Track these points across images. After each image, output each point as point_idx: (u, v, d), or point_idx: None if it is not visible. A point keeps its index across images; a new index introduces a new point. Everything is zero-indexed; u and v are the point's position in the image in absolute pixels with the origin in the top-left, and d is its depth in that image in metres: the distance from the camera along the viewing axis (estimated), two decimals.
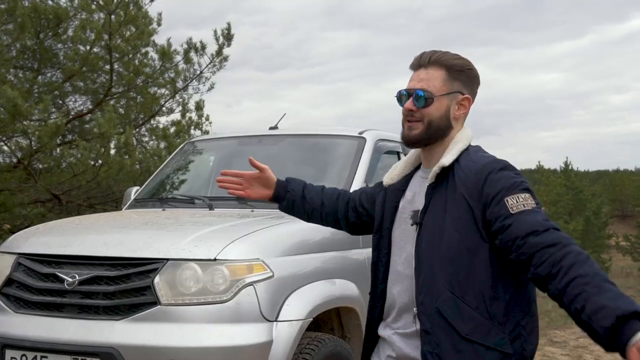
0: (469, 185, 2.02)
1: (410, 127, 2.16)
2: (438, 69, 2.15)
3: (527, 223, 1.89)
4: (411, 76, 2.20)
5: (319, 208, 2.53)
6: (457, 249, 2.00)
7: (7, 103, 6.68)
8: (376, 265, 2.28)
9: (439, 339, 1.98)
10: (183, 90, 10.14)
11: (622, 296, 1.70)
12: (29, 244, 3.63)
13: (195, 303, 3.13)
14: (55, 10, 8.36)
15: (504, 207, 1.93)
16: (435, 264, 2.02)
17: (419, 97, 2.13)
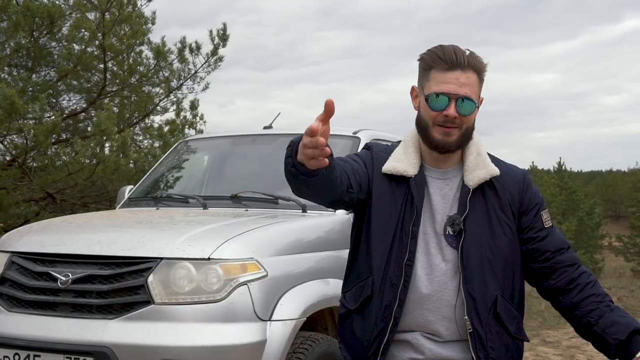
0: (513, 192, 2.10)
1: (448, 133, 2.03)
2: (473, 73, 2.03)
3: (556, 240, 2.13)
4: (443, 76, 2.01)
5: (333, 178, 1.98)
6: (504, 253, 2.06)
7: (4, 101, 6.67)
8: (407, 267, 2.04)
9: (494, 342, 2.03)
10: (177, 90, 10.14)
11: (628, 315, 2.08)
12: (22, 242, 3.63)
13: (189, 302, 3.13)
14: (48, 9, 8.34)
15: (540, 219, 2.12)
16: (486, 270, 2.03)
17: (466, 104, 2.01)
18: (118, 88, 9.83)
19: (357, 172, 2.09)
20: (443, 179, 2.12)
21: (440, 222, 2.08)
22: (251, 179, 4.62)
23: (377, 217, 2.10)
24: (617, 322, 2.03)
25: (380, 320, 2.04)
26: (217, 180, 4.95)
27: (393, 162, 2.12)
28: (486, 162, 2.10)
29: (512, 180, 2.12)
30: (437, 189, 2.11)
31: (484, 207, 2.06)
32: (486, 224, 2.05)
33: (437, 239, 2.07)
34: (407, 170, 2.09)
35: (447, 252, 2.06)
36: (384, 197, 2.10)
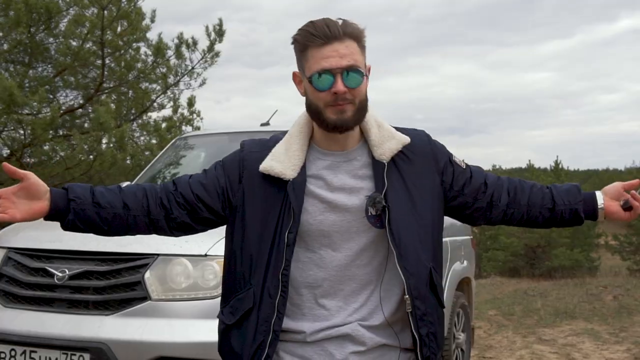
0: (426, 157, 2.00)
1: (342, 110, 1.85)
2: (352, 41, 1.86)
3: (477, 171, 2.10)
4: (320, 52, 1.84)
5: (121, 213, 1.91)
6: (431, 223, 1.97)
7: (3, 92, 6.67)
8: (284, 276, 1.89)
9: (432, 317, 1.94)
10: (174, 86, 10.13)
11: (559, 185, 2.15)
12: (18, 238, 3.62)
13: (186, 299, 3.13)
14: (47, 5, 8.33)
15: (457, 165, 2.06)
16: (417, 243, 1.92)
17: (353, 75, 1.84)
18: (115, 84, 9.82)
19: (201, 190, 1.95)
20: (348, 161, 1.96)
21: (359, 206, 1.92)
22: None
23: (252, 225, 1.94)
24: (566, 191, 2.10)
25: (259, 333, 1.88)
26: None
27: (271, 162, 1.95)
28: (392, 132, 1.97)
29: (420, 143, 2.01)
30: (346, 173, 1.95)
31: (401, 179, 1.94)
32: (407, 195, 1.94)
33: (360, 224, 1.92)
34: (285, 173, 1.92)
35: (371, 233, 1.93)
36: (258, 202, 1.94)
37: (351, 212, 1.92)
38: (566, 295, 10.84)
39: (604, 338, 7.38)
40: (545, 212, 2.09)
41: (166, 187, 1.98)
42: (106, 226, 1.92)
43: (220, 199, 1.96)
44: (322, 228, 1.93)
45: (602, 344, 7.09)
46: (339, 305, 1.93)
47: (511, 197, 2.08)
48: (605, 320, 8.36)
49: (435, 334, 1.95)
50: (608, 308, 9.25)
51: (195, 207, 1.95)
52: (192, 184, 1.96)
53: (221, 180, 1.97)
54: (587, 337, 7.47)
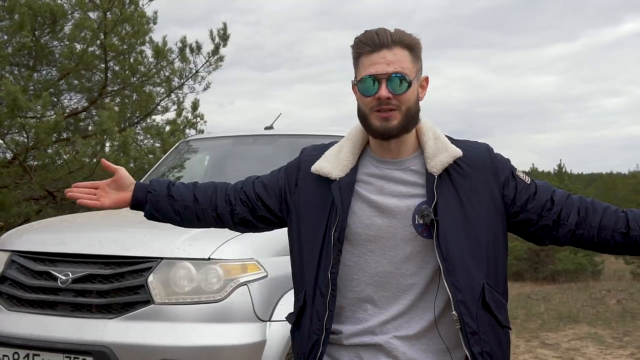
0: (484, 170, 1.96)
1: (388, 118, 1.90)
2: (402, 48, 1.91)
3: (544, 187, 2.01)
4: (370, 59, 1.91)
5: (191, 205, 2.15)
6: (486, 239, 1.92)
7: (7, 97, 6.69)
8: (333, 275, 1.95)
9: (486, 336, 1.89)
10: (178, 89, 10.15)
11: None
12: (22, 241, 3.63)
13: (189, 302, 3.13)
14: (51, 8, 8.35)
15: (520, 180, 1.99)
16: (468, 259, 1.88)
17: (397, 81, 1.88)
18: (119, 87, 9.84)
19: (262, 190, 2.12)
20: (401, 169, 1.98)
21: (406, 213, 1.93)
22: None
23: (305, 226, 2.02)
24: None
25: (312, 332, 1.95)
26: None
27: (321, 162, 2.03)
28: (446, 144, 1.96)
29: (479, 156, 1.98)
30: (398, 181, 1.97)
31: (454, 193, 1.93)
32: (459, 209, 1.91)
33: (407, 233, 1.93)
34: (331, 173, 1.99)
35: (417, 242, 1.93)
36: (311, 202, 2.02)
37: (398, 218, 1.94)
38: (570, 299, 10.81)
39: (607, 342, 7.36)
40: (618, 237, 1.98)
41: (235, 185, 2.18)
42: (179, 217, 2.17)
43: (278, 199, 2.09)
44: (368, 232, 1.96)
45: (605, 349, 7.07)
46: (379, 311, 1.95)
47: (581, 216, 1.99)
48: (608, 325, 8.33)
49: (491, 354, 1.90)
50: (612, 312, 9.23)
51: (255, 205, 2.12)
52: (255, 184, 2.14)
53: (281, 182, 2.10)
54: (590, 341, 7.44)
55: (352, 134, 2.07)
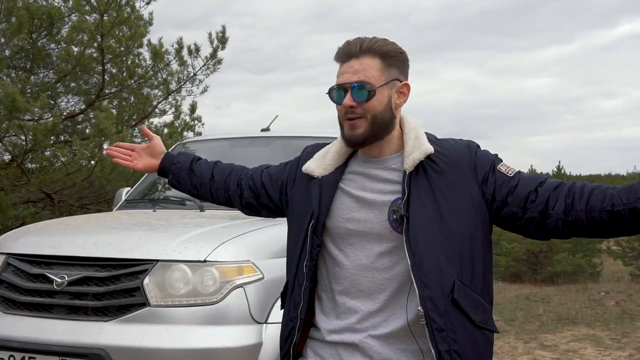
0: (462, 167, 1.97)
1: (354, 126, 1.97)
2: (372, 57, 1.96)
3: (530, 178, 1.98)
4: (340, 69, 1.99)
5: (207, 182, 2.38)
6: (460, 236, 1.92)
7: (6, 98, 6.68)
8: (314, 265, 2.05)
9: (455, 334, 1.87)
10: (176, 92, 10.14)
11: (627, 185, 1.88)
12: (18, 244, 3.62)
13: (185, 304, 3.12)
14: (48, 11, 8.35)
15: (501, 174, 1.98)
16: (440, 255, 1.89)
17: (358, 90, 1.94)
18: (116, 90, 9.83)
19: (267, 180, 2.29)
20: (384, 168, 2.04)
21: (382, 208, 1.99)
22: None
23: (292, 219, 2.16)
24: (628, 187, 1.85)
25: (289, 320, 2.07)
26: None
27: (309, 162, 2.15)
28: (421, 142, 1.99)
29: (457, 153, 2.00)
30: (379, 178, 2.03)
31: (429, 189, 1.94)
32: (433, 205, 1.93)
33: (382, 227, 1.98)
34: (314, 171, 2.10)
35: (392, 237, 1.97)
36: (301, 198, 2.13)
37: (375, 214, 1.99)
38: (568, 300, 10.81)
39: (606, 344, 7.36)
40: (605, 215, 1.85)
41: (248, 171, 2.36)
42: (195, 190, 2.41)
43: (279, 191, 2.24)
44: (347, 226, 2.02)
45: (604, 350, 7.07)
46: (356, 305, 2.00)
47: (568, 202, 1.91)
48: (607, 326, 8.33)
49: (461, 354, 1.87)
50: (610, 314, 9.23)
51: (259, 192, 2.29)
52: (263, 173, 2.31)
53: (284, 175, 2.24)
54: (589, 342, 7.44)
55: (341, 136, 2.14)
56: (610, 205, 1.84)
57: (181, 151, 2.33)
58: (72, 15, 9.07)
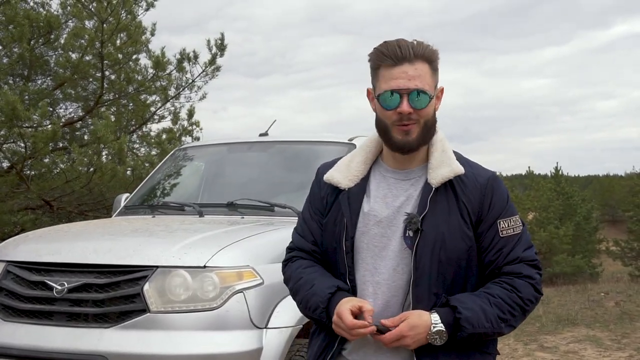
0: (473, 196, 1.98)
1: (407, 132, 1.95)
2: (423, 62, 1.94)
3: (511, 251, 1.99)
4: (391, 72, 1.94)
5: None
6: (458, 260, 1.94)
7: (6, 107, 6.70)
8: (351, 281, 2.02)
9: (444, 350, 1.90)
10: (175, 99, 10.16)
11: (479, 312, 1.89)
12: (17, 251, 3.62)
13: (185, 310, 3.13)
14: (47, 18, 8.36)
15: (495, 228, 1.99)
16: (434, 271, 1.92)
17: (419, 97, 1.92)
18: (115, 96, 9.85)
19: (317, 231, 2.13)
20: (408, 180, 2.03)
21: (401, 225, 1.98)
22: (247, 186, 4.62)
23: (326, 235, 2.09)
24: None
25: (326, 335, 2.05)
26: (213, 187, 4.95)
27: (332, 172, 2.11)
28: (451, 159, 2.00)
29: (474, 184, 2.00)
30: (402, 191, 2.02)
31: (446, 209, 1.96)
32: (445, 226, 1.94)
33: (398, 243, 1.98)
34: (341, 182, 2.06)
35: (405, 254, 1.97)
36: (329, 211, 2.09)
37: (392, 230, 1.99)
38: (568, 301, 10.81)
39: (606, 345, 7.36)
40: None
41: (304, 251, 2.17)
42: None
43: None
44: (363, 240, 2.01)
45: (604, 351, 7.07)
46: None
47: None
48: (607, 327, 8.33)
49: None
50: (610, 314, 9.23)
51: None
52: (311, 232, 2.15)
53: (318, 208, 2.14)
54: (589, 343, 7.44)
55: (366, 144, 2.12)
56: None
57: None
58: (70, 21, 9.08)
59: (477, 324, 1.87)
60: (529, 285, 1.97)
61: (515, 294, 1.94)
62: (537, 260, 2.02)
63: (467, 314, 1.86)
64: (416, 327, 1.85)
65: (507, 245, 1.98)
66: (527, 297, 1.96)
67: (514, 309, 1.94)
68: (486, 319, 1.88)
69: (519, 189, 43.28)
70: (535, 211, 31.69)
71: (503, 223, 1.99)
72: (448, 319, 1.87)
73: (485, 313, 1.88)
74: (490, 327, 1.89)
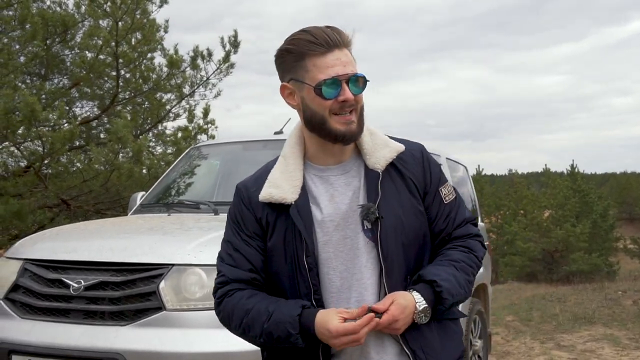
0: (416, 172, 1.95)
1: (349, 121, 1.84)
2: (347, 48, 1.86)
3: (456, 217, 2.01)
4: (323, 61, 1.81)
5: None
6: (415, 236, 1.91)
7: (25, 108, 6.75)
8: (317, 300, 1.85)
9: (421, 332, 1.85)
10: (190, 97, 10.19)
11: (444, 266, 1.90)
12: (35, 249, 3.65)
13: (200, 308, 3.14)
14: (62, 18, 8.42)
15: (439, 196, 1.99)
16: (400, 256, 1.87)
17: (358, 83, 1.84)
18: (131, 95, 9.89)
19: (255, 255, 1.93)
20: (346, 173, 1.92)
21: (358, 220, 1.87)
22: None
23: (275, 259, 1.90)
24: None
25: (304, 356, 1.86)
26: (228, 185, 4.96)
27: (268, 188, 1.91)
28: (385, 140, 1.94)
29: (412, 159, 1.96)
30: (345, 186, 1.91)
31: (394, 191, 1.90)
32: (398, 208, 1.88)
33: (362, 239, 1.87)
34: (286, 197, 1.87)
35: (369, 248, 1.87)
36: (273, 234, 1.90)
37: (351, 228, 1.88)
38: (585, 300, 10.74)
39: (623, 343, 7.30)
40: None
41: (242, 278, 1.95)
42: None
43: (260, 242, 1.93)
44: (334, 248, 1.88)
45: (621, 350, 7.01)
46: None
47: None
48: (624, 326, 8.27)
49: (431, 348, 1.87)
50: (627, 313, 9.16)
51: (262, 268, 1.94)
52: (247, 258, 1.94)
53: (251, 231, 1.93)
54: (606, 342, 7.39)
55: (292, 149, 1.96)
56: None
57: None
58: (85, 21, 9.14)
59: (455, 293, 1.86)
60: (478, 242, 2.02)
61: (472, 254, 1.98)
62: (474, 218, 2.08)
63: (446, 285, 1.84)
64: (405, 309, 1.79)
65: (452, 210, 2.00)
66: (480, 254, 2.01)
67: (475, 269, 1.98)
68: (460, 285, 1.89)
69: (535, 186, 42.96)
70: (551, 209, 31.47)
71: (444, 189, 2.00)
72: (429, 295, 1.83)
73: (457, 280, 1.88)
74: (463, 292, 1.91)
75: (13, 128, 7.14)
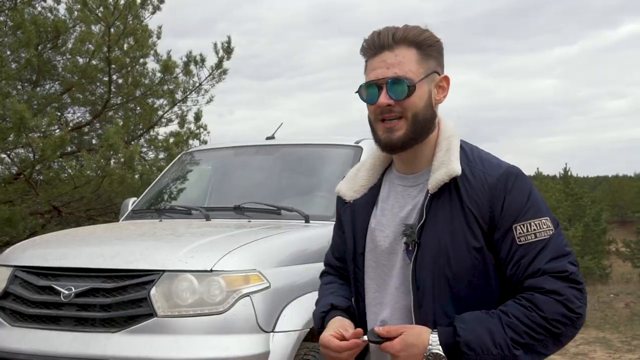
0: (480, 199, 1.70)
1: (391, 128, 1.72)
2: (407, 48, 1.72)
3: (530, 263, 1.69)
4: (370, 64, 1.75)
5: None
6: (464, 272, 1.69)
7: (14, 115, 6.71)
8: (357, 303, 1.89)
9: None
10: (182, 102, 10.17)
11: (483, 332, 1.64)
12: (25, 256, 3.63)
13: (192, 314, 3.12)
14: (54, 23, 8.40)
15: (511, 235, 1.70)
16: (440, 289, 1.69)
17: (396, 86, 1.69)
18: (123, 100, 9.87)
19: (340, 245, 2.05)
20: (416, 185, 1.81)
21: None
22: (254, 189, 4.62)
23: (346, 250, 1.96)
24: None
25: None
26: (220, 191, 4.96)
27: (341, 183, 1.97)
28: (451, 159, 1.73)
29: (481, 184, 1.71)
30: (409, 199, 1.81)
31: (448, 217, 1.70)
32: (448, 237, 1.69)
33: (401, 259, 1.78)
34: (345, 195, 1.91)
35: (407, 271, 1.76)
36: (343, 227, 1.97)
37: (399, 244, 1.79)
38: None
39: (616, 346, 7.32)
40: None
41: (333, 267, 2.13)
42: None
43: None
44: (376, 258, 1.85)
45: (614, 353, 7.04)
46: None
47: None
48: (617, 329, 8.29)
49: None
50: (620, 316, 9.19)
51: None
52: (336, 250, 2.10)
53: (339, 231, 2.04)
54: (598, 345, 7.41)
55: (379, 152, 1.90)
56: None
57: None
58: (77, 26, 9.12)
59: (482, 349, 1.60)
60: (555, 302, 1.64)
61: (535, 312, 1.63)
62: (569, 272, 1.67)
63: (467, 337, 1.61)
64: (411, 347, 1.63)
65: (527, 254, 1.67)
66: (553, 316, 1.63)
67: (536, 331, 1.63)
68: (494, 343, 1.61)
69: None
70: None
71: (521, 228, 1.68)
72: (447, 341, 1.63)
73: (492, 335, 1.61)
74: (499, 352, 1.61)
75: (3, 135, 7.10)
